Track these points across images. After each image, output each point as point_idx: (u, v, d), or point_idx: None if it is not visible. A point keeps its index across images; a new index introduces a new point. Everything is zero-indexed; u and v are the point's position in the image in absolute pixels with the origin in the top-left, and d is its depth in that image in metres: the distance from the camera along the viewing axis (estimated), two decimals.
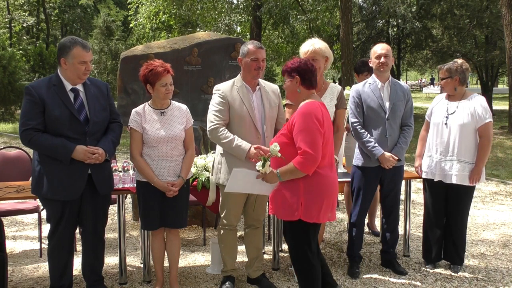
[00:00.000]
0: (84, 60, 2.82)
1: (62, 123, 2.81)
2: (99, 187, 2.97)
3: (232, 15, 17.42)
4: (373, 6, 17.92)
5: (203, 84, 5.19)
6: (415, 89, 45.53)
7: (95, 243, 3.13)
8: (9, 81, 15.48)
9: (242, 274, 3.57)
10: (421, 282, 3.52)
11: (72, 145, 2.81)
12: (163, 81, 3.02)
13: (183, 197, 3.16)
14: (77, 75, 2.85)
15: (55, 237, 2.99)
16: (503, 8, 12.06)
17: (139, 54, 5.07)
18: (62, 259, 3.04)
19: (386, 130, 3.50)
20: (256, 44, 3.18)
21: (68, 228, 3.00)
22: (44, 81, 2.89)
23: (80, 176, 2.89)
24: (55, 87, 2.84)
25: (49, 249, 3.03)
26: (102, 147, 2.92)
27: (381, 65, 3.49)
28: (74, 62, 2.81)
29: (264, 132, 3.15)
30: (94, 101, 2.95)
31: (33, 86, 2.83)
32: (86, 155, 2.83)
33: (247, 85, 3.19)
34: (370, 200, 3.67)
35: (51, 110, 2.78)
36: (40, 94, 2.79)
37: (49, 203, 2.94)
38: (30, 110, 2.79)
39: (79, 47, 2.81)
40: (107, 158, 2.98)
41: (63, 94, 2.84)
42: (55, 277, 3.06)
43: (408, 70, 32.44)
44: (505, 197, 6.23)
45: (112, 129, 3.07)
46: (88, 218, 3.04)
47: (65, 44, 2.82)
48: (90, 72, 2.94)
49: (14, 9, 26.70)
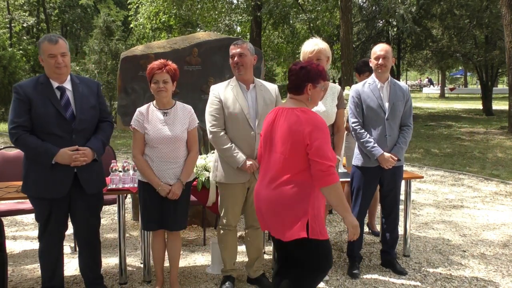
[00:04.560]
0: (52, 53, 2.81)
1: (48, 120, 2.81)
2: (86, 186, 2.95)
3: (232, 15, 17.43)
4: (373, 6, 17.92)
5: (203, 84, 5.19)
6: (415, 89, 45.57)
7: (89, 243, 3.13)
8: (9, 81, 15.50)
9: (242, 274, 3.57)
10: (421, 282, 3.52)
11: (55, 149, 2.80)
12: (155, 78, 3.03)
13: (183, 199, 3.15)
14: (51, 69, 2.85)
15: (45, 237, 2.99)
16: (503, 8, 12.06)
17: (139, 54, 5.07)
18: (52, 260, 3.04)
19: (386, 130, 3.50)
20: (235, 42, 3.26)
21: (57, 228, 2.99)
22: (32, 80, 2.92)
23: (65, 175, 2.88)
24: (42, 85, 2.86)
25: (40, 249, 3.04)
26: (90, 146, 2.91)
27: (379, 66, 3.50)
28: (45, 58, 2.83)
29: (256, 128, 3.17)
30: (82, 99, 2.94)
31: (20, 85, 2.86)
32: (71, 158, 2.82)
33: (241, 83, 3.23)
34: (369, 200, 3.67)
35: (37, 107, 2.80)
36: (27, 92, 2.81)
37: (37, 202, 2.95)
38: (17, 108, 2.81)
39: (46, 42, 2.81)
40: (96, 158, 2.96)
41: (50, 92, 2.86)
42: (45, 278, 3.06)
43: (408, 70, 32.44)
44: (505, 197, 6.23)
45: (102, 129, 3.05)
46: (79, 217, 3.04)
47: (38, 42, 2.88)
48: (67, 67, 2.89)
49: (14, 9, 26.69)
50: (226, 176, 3.19)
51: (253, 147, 3.16)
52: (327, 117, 3.35)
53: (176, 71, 3.11)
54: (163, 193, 3.04)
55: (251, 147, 3.16)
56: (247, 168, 3.12)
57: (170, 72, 3.05)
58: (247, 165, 3.12)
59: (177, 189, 3.06)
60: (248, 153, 3.16)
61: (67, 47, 2.91)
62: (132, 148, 3.13)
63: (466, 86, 45.45)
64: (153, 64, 3.06)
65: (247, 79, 3.24)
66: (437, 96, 36.63)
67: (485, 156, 9.49)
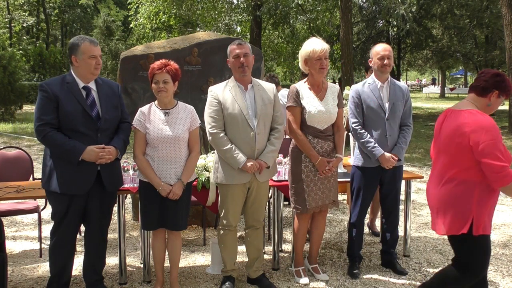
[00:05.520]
0: (93, 54, 2.92)
1: (75, 118, 2.88)
2: (107, 184, 3.02)
3: (232, 15, 17.43)
4: (373, 6, 17.93)
5: (203, 84, 5.19)
6: (415, 89, 45.58)
7: (99, 243, 3.16)
8: (9, 81, 15.47)
9: (242, 274, 3.57)
10: (421, 282, 3.51)
11: (82, 147, 2.86)
12: (155, 78, 3.05)
13: (183, 199, 3.14)
14: (89, 70, 2.94)
15: (58, 233, 3.01)
16: (503, 8, 12.06)
17: (139, 54, 5.06)
18: (63, 256, 3.06)
19: (386, 130, 3.50)
20: (236, 41, 3.23)
21: (71, 226, 3.02)
22: (58, 79, 2.99)
23: (89, 172, 2.94)
24: (68, 85, 2.93)
25: (51, 245, 3.05)
26: (114, 145, 2.99)
27: (384, 66, 3.49)
28: (84, 58, 2.91)
29: (255, 128, 3.16)
30: (106, 99, 3.03)
31: (47, 83, 2.93)
32: (97, 156, 2.89)
33: (239, 84, 3.22)
34: (370, 200, 3.67)
35: (64, 105, 2.86)
36: (54, 91, 2.87)
37: (56, 197, 2.96)
38: (44, 106, 2.87)
39: (87, 42, 2.92)
40: (118, 157, 3.04)
41: (76, 91, 2.93)
42: (55, 274, 3.08)
43: (408, 70, 32.46)
44: (505, 197, 6.23)
45: (122, 129, 3.13)
46: (93, 215, 3.07)
47: (74, 42, 2.94)
48: (101, 66, 3.02)
49: (14, 9, 26.72)
50: (227, 177, 3.19)
51: (253, 147, 3.15)
52: (328, 117, 3.35)
53: (178, 71, 3.11)
54: (164, 193, 3.04)
55: (251, 148, 3.15)
56: (248, 168, 3.12)
57: (171, 72, 3.05)
58: (248, 166, 3.12)
59: (178, 189, 3.06)
60: (248, 154, 3.15)
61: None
62: (134, 148, 3.14)
63: (466, 86, 45.44)
64: (154, 64, 3.07)
65: (246, 79, 3.24)
66: (437, 96, 36.63)
67: None
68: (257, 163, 3.14)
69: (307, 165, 3.35)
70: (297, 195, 3.40)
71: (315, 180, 3.37)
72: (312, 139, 3.34)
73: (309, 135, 3.34)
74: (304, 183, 3.36)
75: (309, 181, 3.36)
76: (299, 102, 3.34)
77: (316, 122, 3.33)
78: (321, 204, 3.42)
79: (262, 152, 3.20)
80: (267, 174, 3.29)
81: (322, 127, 3.36)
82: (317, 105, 3.32)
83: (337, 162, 3.40)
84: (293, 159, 3.40)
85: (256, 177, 3.20)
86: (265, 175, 3.27)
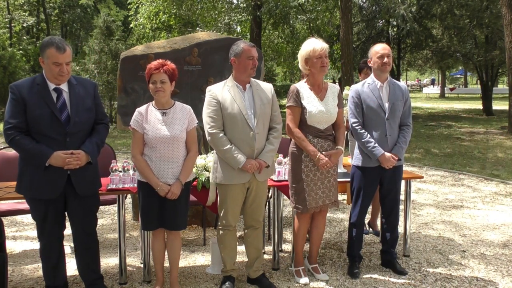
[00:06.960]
0: (57, 62, 2.77)
1: (43, 122, 2.79)
2: (78, 188, 2.93)
3: (232, 15, 17.41)
4: (373, 6, 17.93)
5: (203, 84, 5.19)
6: (415, 89, 45.58)
7: (87, 243, 3.12)
8: (9, 81, 15.49)
9: (242, 274, 3.57)
10: (421, 282, 3.52)
11: (49, 152, 2.78)
12: (152, 78, 3.03)
13: (182, 199, 3.14)
14: (53, 75, 2.82)
15: (44, 237, 3.00)
16: (503, 8, 12.06)
17: (139, 54, 5.07)
18: (53, 259, 3.04)
19: (386, 130, 3.50)
20: (248, 43, 3.23)
21: (55, 228, 2.99)
22: (28, 80, 2.88)
23: (58, 176, 2.87)
24: (38, 86, 2.83)
25: (40, 249, 3.05)
26: (84, 149, 2.89)
27: (385, 65, 3.49)
28: (48, 63, 2.79)
29: (255, 128, 3.16)
30: (78, 101, 2.91)
31: (16, 85, 2.83)
32: (64, 162, 2.81)
33: (238, 84, 3.21)
34: (370, 200, 3.67)
35: (32, 109, 2.78)
36: (22, 93, 2.78)
37: (32, 202, 2.95)
38: (12, 109, 2.79)
39: (53, 49, 2.75)
40: (90, 161, 2.95)
41: (46, 94, 2.83)
42: (48, 277, 3.07)
43: (408, 70, 32.46)
44: (505, 197, 6.23)
45: (97, 131, 3.04)
46: (75, 218, 3.04)
47: (43, 43, 2.82)
48: (69, 73, 2.88)
49: (14, 9, 26.71)
50: (226, 177, 3.19)
51: (253, 147, 3.15)
52: (329, 117, 3.35)
53: (174, 71, 3.10)
54: (162, 193, 3.04)
55: (251, 147, 3.16)
56: (248, 168, 3.12)
57: (168, 72, 3.04)
58: (248, 166, 3.12)
59: (176, 189, 3.06)
60: (248, 153, 3.15)
61: (71, 54, 2.90)
62: (132, 148, 3.14)
63: (466, 86, 45.51)
64: (151, 64, 3.05)
65: (247, 80, 3.23)
66: (437, 96, 36.64)
67: (485, 156, 9.49)
68: (257, 163, 3.15)
69: (307, 164, 3.35)
70: (297, 195, 3.40)
71: (315, 179, 3.37)
72: (313, 139, 3.34)
73: (310, 135, 3.34)
74: (304, 183, 3.36)
75: (309, 180, 3.36)
76: (299, 102, 3.34)
77: (317, 122, 3.33)
78: (321, 204, 3.42)
79: (261, 152, 3.20)
80: (266, 174, 3.30)
81: (323, 127, 3.36)
82: (317, 105, 3.33)
83: (337, 153, 3.40)
84: (293, 159, 3.40)
85: (255, 176, 3.20)
86: (264, 175, 3.27)
